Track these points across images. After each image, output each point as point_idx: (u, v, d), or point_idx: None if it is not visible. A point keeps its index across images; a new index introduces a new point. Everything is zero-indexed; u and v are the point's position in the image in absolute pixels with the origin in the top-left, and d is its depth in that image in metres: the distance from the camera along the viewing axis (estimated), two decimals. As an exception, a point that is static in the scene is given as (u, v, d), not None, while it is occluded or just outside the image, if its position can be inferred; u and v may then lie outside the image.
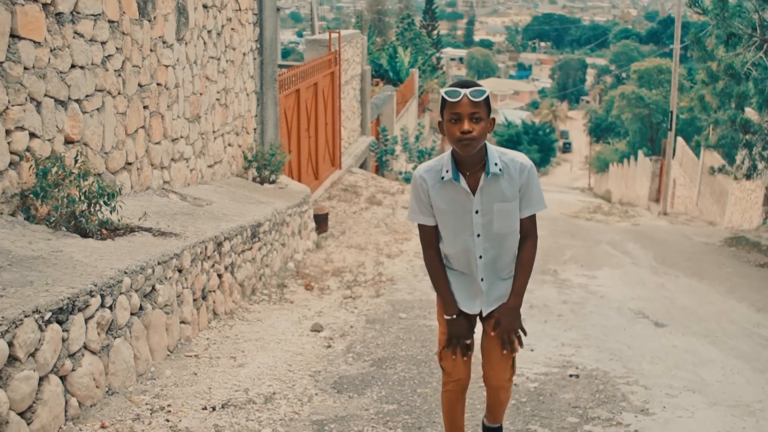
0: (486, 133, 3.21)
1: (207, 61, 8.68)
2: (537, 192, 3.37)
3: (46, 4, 5.33)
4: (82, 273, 4.10)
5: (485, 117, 3.18)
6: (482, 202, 3.32)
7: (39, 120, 5.26)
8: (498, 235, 3.39)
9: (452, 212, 3.37)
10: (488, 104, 3.21)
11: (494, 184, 3.30)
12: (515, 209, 3.35)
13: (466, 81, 3.26)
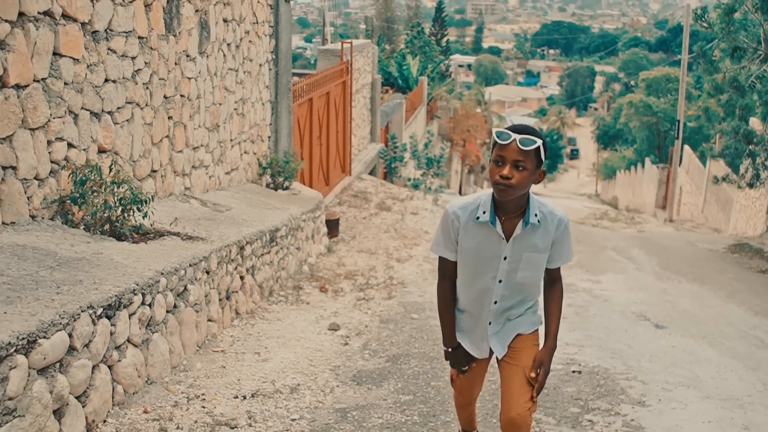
0: (529, 183, 3.15)
1: (226, 72, 9.10)
2: (568, 245, 3.38)
3: (84, 24, 5.75)
4: (124, 273, 4.50)
5: (530, 168, 3.11)
6: (513, 249, 3.30)
7: (76, 131, 5.68)
8: (519, 284, 3.38)
9: (479, 254, 3.34)
10: (539, 155, 3.12)
11: (530, 235, 3.28)
12: (543, 261, 3.34)
13: (524, 126, 3.19)
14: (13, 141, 4.92)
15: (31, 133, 5.11)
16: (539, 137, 3.12)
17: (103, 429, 3.88)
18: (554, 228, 3.28)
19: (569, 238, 3.37)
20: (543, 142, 3.12)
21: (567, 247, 3.38)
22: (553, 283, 3.46)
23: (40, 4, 5.17)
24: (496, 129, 3.21)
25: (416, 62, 27.09)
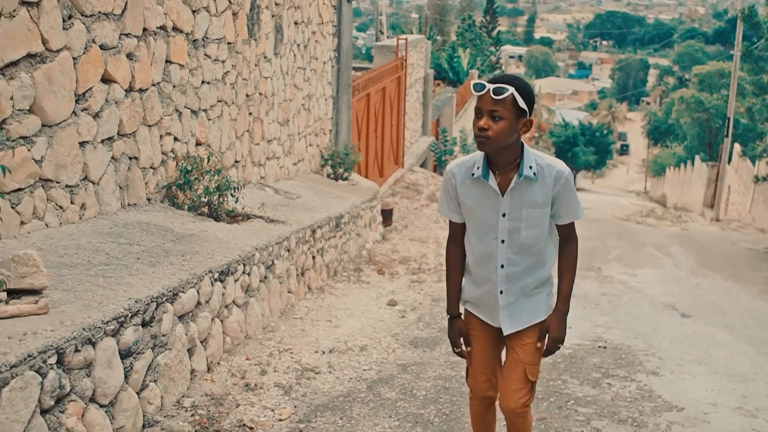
0: (510, 133, 3.13)
1: (296, 71, 10.21)
2: (574, 201, 3.33)
3: (188, 34, 6.88)
4: (227, 247, 5.62)
5: (508, 117, 3.09)
6: (511, 204, 3.27)
7: (180, 127, 6.82)
8: (525, 246, 3.33)
9: (479, 213, 3.32)
10: (516, 104, 3.10)
11: (526, 188, 3.24)
12: (544, 217, 3.30)
13: (503, 76, 3.19)
14: (137, 136, 6.06)
15: (148, 129, 6.25)
16: (516, 86, 3.11)
17: (218, 369, 5.01)
18: (552, 180, 3.24)
19: (573, 192, 3.32)
20: (520, 90, 3.10)
21: (573, 201, 3.32)
22: (566, 241, 3.41)
23: (158, 20, 6.30)
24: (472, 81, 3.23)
25: (467, 55, 28.02)
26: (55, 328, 3.41)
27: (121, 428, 3.83)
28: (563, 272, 3.42)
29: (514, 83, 3.11)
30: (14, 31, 4.60)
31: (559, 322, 3.42)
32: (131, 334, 3.93)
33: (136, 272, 4.48)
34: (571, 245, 3.42)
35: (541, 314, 3.44)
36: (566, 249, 3.42)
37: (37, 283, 3.75)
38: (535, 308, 3.43)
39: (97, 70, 5.48)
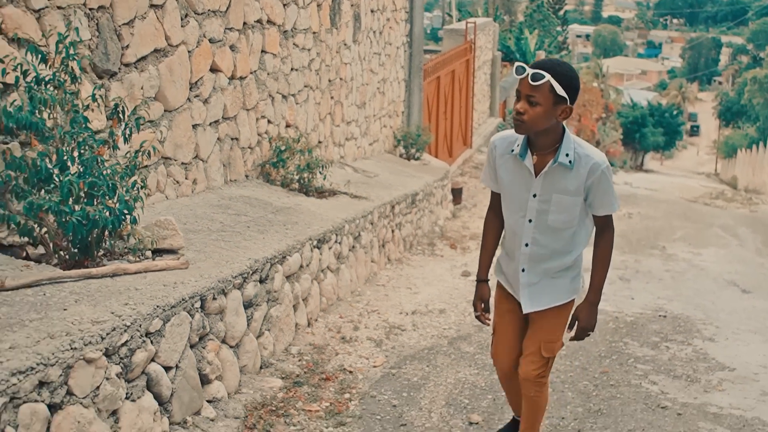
0: (546, 119, 3.18)
1: (372, 56, 10.91)
2: (610, 194, 3.36)
3: (279, 26, 7.62)
4: (321, 219, 6.35)
5: (544, 103, 3.14)
6: (543, 187, 3.34)
7: (272, 110, 7.57)
8: (551, 229, 3.40)
9: (512, 188, 3.41)
10: (554, 91, 3.14)
11: (559, 174, 3.31)
12: (575, 206, 3.35)
13: (545, 61, 3.23)
14: (237, 119, 6.83)
15: (247, 113, 7.02)
16: (555, 72, 3.15)
17: (316, 324, 5.77)
18: (587, 171, 3.28)
19: (610, 185, 3.35)
20: (559, 77, 3.14)
21: (608, 194, 3.36)
22: (601, 232, 3.47)
23: (255, 15, 7.05)
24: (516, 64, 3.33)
25: (534, 36, 28.40)
26: (196, 279, 4.18)
27: (244, 366, 4.60)
28: (596, 264, 3.49)
29: (554, 70, 3.16)
30: (145, 30, 5.39)
31: (588, 311, 3.52)
32: (252, 288, 4.69)
33: (249, 238, 5.24)
34: (606, 237, 3.46)
35: (563, 297, 3.53)
36: (601, 241, 3.48)
37: (176, 244, 4.53)
38: (558, 291, 3.51)
39: (206, 61, 6.25)
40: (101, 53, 4.96)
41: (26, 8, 4.33)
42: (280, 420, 4.26)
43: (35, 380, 2.91)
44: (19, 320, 3.26)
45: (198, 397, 4.04)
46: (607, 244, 3.47)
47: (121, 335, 3.40)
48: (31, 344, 3.04)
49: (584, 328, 3.53)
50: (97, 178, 4.05)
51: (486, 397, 4.79)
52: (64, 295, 3.63)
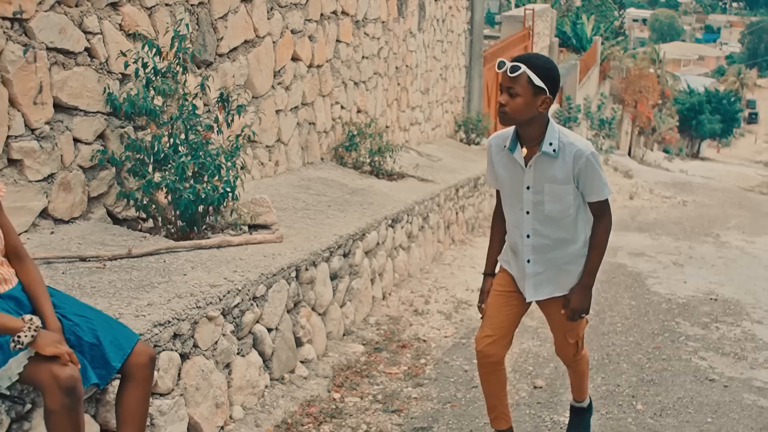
0: (527, 110, 3.26)
1: (435, 43, 11.32)
2: (597, 180, 3.39)
3: (352, 16, 8.07)
4: (393, 200, 6.81)
5: (523, 94, 3.22)
6: (534, 178, 3.41)
7: (345, 96, 8.04)
8: (549, 219, 3.47)
9: (508, 183, 3.49)
10: (532, 82, 3.22)
11: (546, 164, 3.37)
12: (567, 194, 3.41)
13: (526, 55, 3.33)
14: (314, 105, 7.31)
15: (322, 99, 7.50)
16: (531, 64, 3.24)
17: (390, 297, 6.24)
18: (572, 159, 3.34)
19: (597, 172, 3.38)
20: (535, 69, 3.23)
21: (596, 180, 3.40)
22: (597, 219, 3.49)
23: (331, 6, 7.52)
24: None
25: (590, 22, 28.50)
26: (291, 252, 4.67)
27: (330, 333, 5.09)
28: (591, 249, 3.50)
29: (531, 62, 3.25)
30: (237, 23, 5.89)
31: (580, 294, 3.51)
32: (337, 261, 5.18)
33: (331, 216, 5.73)
34: (601, 224, 3.48)
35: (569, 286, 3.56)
36: (595, 227, 3.49)
37: (269, 220, 5.03)
38: (566, 281, 3.53)
39: (288, 51, 6.74)
40: (200, 45, 5.47)
41: (141, 6, 4.85)
42: (364, 380, 4.75)
43: (171, 332, 3.43)
44: (149, 282, 3.78)
45: (293, 357, 4.54)
46: (603, 230, 3.48)
47: (234, 297, 3.91)
48: (164, 302, 3.55)
49: (575, 309, 3.52)
50: (205, 159, 4.56)
51: (549, 365, 5.22)
52: (180, 263, 4.14)
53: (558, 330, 3.70)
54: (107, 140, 4.67)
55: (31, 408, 2.71)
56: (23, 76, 4.02)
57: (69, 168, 4.42)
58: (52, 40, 4.19)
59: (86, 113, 4.49)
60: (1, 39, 3.87)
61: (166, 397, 3.40)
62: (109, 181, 4.71)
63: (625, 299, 7.06)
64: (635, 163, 23.99)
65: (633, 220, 12.41)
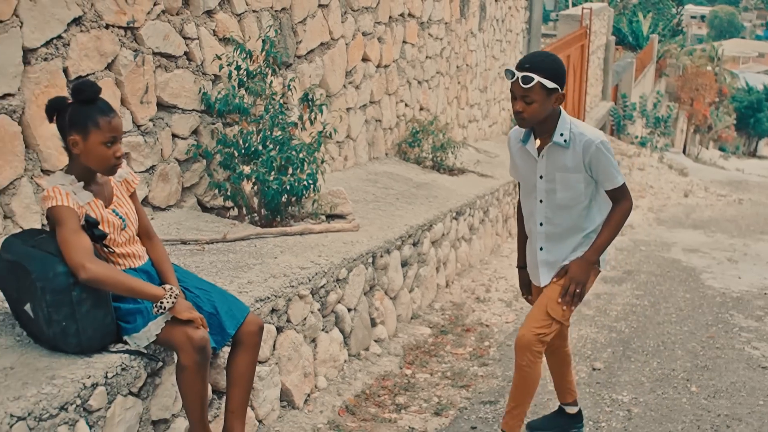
0: (544, 110, 3.42)
1: (494, 43, 11.68)
2: (609, 168, 3.50)
3: (417, 17, 8.48)
4: (456, 194, 7.21)
5: (539, 99, 3.37)
6: (546, 167, 3.57)
7: (409, 95, 8.46)
8: (561, 207, 3.60)
9: (524, 174, 3.68)
10: (545, 87, 3.35)
11: (558, 154, 3.54)
12: (578, 182, 3.55)
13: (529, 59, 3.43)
14: (381, 103, 7.74)
15: (388, 97, 7.93)
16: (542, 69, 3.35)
17: (453, 286, 6.66)
18: (582, 148, 3.48)
19: (608, 160, 3.49)
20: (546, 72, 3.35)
21: (608, 168, 3.50)
22: (614, 203, 3.59)
23: (399, 9, 7.94)
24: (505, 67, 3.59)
25: (647, 20, 28.54)
26: (367, 240, 5.10)
27: (399, 315, 5.52)
28: (604, 227, 3.59)
29: (540, 68, 3.35)
30: (314, 27, 6.33)
31: (580, 265, 3.59)
32: (407, 250, 5.60)
33: (400, 208, 6.15)
34: (620, 206, 3.58)
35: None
36: (614, 208, 3.58)
37: (345, 210, 5.47)
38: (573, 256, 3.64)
39: (359, 52, 7.17)
40: (282, 48, 5.92)
41: (232, 13, 5.32)
42: (433, 359, 5.17)
43: (269, 307, 3.88)
44: (245, 264, 4.24)
45: (368, 336, 4.98)
46: (619, 211, 3.57)
47: (320, 279, 4.35)
48: (261, 281, 4.00)
49: (572, 278, 3.57)
50: (290, 153, 5.01)
51: (606, 350, 5.58)
52: (269, 248, 4.60)
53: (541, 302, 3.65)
54: (200, 135, 5.15)
55: (162, 365, 3.17)
56: (133, 78, 4.50)
57: (167, 160, 4.90)
58: (158, 46, 4.67)
59: (183, 111, 4.97)
60: (116, 45, 4.35)
61: (263, 364, 3.85)
62: (201, 173, 5.19)
63: (679, 292, 7.36)
64: (690, 161, 24.02)
65: (688, 218, 12.62)
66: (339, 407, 4.32)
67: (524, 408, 3.76)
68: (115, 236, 3.10)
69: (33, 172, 3.94)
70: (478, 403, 4.58)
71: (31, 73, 3.84)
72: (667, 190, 14.78)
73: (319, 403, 4.30)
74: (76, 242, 2.84)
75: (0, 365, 2.80)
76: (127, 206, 3.20)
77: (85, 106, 2.98)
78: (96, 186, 3.09)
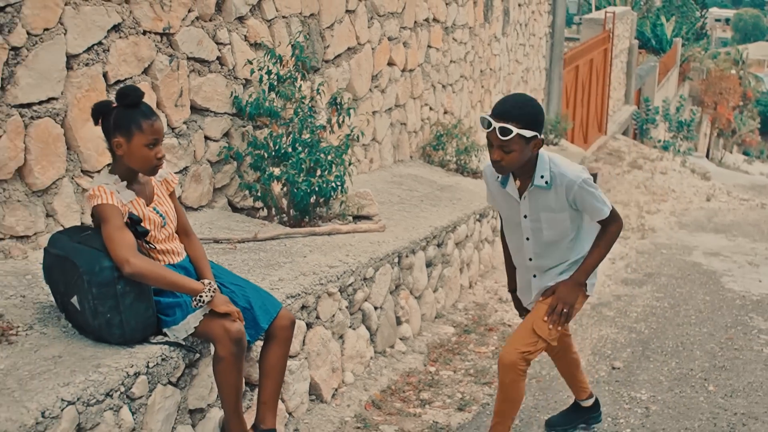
0: (523, 157, 3.37)
1: (518, 47, 11.80)
2: (594, 204, 3.49)
3: (442, 22, 8.62)
4: (479, 196, 7.34)
5: (518, 148, 3.32)
6: (530, 208, 3.54)
7: (434, 99, 8.60)
8: (549, 243, 3.60)
9: (505, 212, 3.69)
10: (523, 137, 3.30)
11: (541, 195, 3.50)
12: (564, 220, 3.53)
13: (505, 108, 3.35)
14: (406, 107, 7.89)
15: (413, 101, 8.07)
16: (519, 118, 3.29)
17: (476, 286, 6.79)
18: (564, 189, 3.46)
19: (592, 195, 3.48)
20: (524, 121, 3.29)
21: (593, 204, 3.49)
22: (603, 227, 3.58)
23: (424, 14, 8.08)
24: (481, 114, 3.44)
25: (671, 23, 28.53)
26: (393, 240, 5.25)
27: (423, 314, 5.66)
28: (593, 248, 3.60)
29: (519, 118, 3.29)
30: (341, 32, 6.49)
31: (568, 286, 3.60)
32: (432, 250, 5.74)
33: (425, 209, 6.29)
34: (609, 230, 3.57)
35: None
36: (602, 230, 3.58)
37: (372, 212, 5.62)
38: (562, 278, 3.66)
39: (385, 56, 7.32)
40: (310, 53, 6.08)
41: (262, 19, 5.48)
42: (456, 357, 5.31)
43: (300, 303, 4.04)
44: (276, 262, 4.39)
45: (393, 334, 5.13)
46: (608, 234, 3.57)
47: (349, 277, 4.50)
48: (292, 278, 4.16)
49: (559, 297, 3.57)
50: (319, 156, 5.16)
51: (626, 350, 5.70)
52: (299, 247, 4.75)
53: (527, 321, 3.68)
54: (231, 138, 5.32)
55: (199, 357, 3.33)
56: (168, 82, 4.68)
57: (200, 162, 5.07)
58: (192, 51, 4.84)
59: (215, 114, 5.14)
60: (152, 51, 4.53)
61: (294, 359, 4.01)
62: (231, 174, 5.36)
63: (699, 294, 7.45)
64: (713, 166, 24.00)
65: (709, 222, 12.67)
66: (365, 401, 4.47)
67: (508, 423, 3.76)
68: (156, 233, 3.26)
69: (74, 173, 4.12)
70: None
71: (74, 78, 4.02)
72: (690, 194, 14.81)
73: (346, 398, 4.45)
74: (121, 238, 3.01)
75: (49, 354, 2.97)
76: (166, 205, 3.36)
77: (129, 109, 3.14)
78: (138, 185, 3.26)
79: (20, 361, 2.90)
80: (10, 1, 3.60)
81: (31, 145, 3.83)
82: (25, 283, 3.59)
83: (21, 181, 3.84)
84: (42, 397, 2.65)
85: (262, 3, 5.46)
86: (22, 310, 3.32)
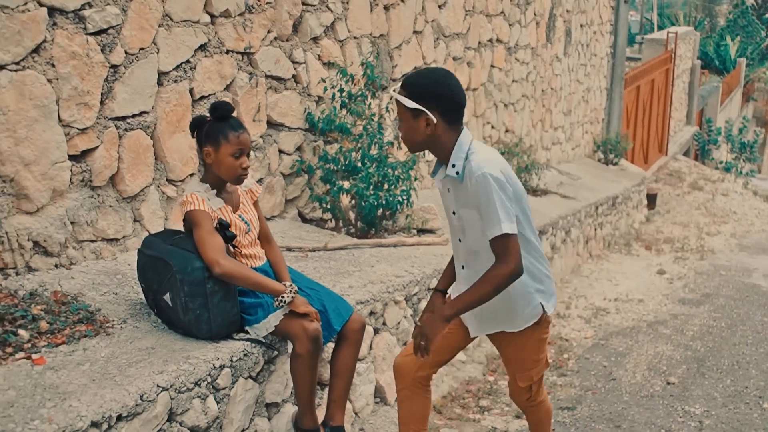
0: (411, 133, 3.01)
1: (578, 67, 11.96)
2: (488, 208, 2.90)
3: (505, 43, 8.85)
4: (540, 214, 7.53)
5: (404, 118, 2.99)
6: (455, 202, 3.09)
7: (496, 117, 8.82)
8: (471, 251, 3.13)
9: (445, 209, 3.25)
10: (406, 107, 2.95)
11: (458, 187, 3.03)
12: (479, 221, 2.98)
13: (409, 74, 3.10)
14: (468, 125, 8.12)
15: (476, 119, 8.31)
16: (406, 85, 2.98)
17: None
18: (468, 180, 2.94)
19: (488, 197, 2.88)
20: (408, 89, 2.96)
21: (489, 210, 2.90)
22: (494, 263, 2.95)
23: (488, 35, 8.33)
24: None
25: (735, 43, 28.32)
26: (455, 253, 5.48)
27: (483, 326, 5.88)
28: (474, 283, 3.00)
29: (404, 83, 3.00)
30: (408, 52, 6.76)
31: (431, 319, 3.11)
32: (492, 264, 5.96)
33: (485, 225, 6.52)
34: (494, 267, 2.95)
35: (517, 324, 3.18)
36: (492, 268, 2.95)
37: (435, 225, 5.86)
38: (508, 317, 3.18)
39: (449, 75, 7.56)
40: (380, 71, 6.36)
41: (335, 40, 5.78)
42: (514, 367, 5.51)
43: (368, 310, 4.29)
44: (345, 270, 4.66)
45: (454, 343, 5.35)
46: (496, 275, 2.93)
47: (414, 287, 4.75)
48: (361, 286, 4.42)
49: (420, 332, 3.14)
50: (387, 171, 5.43)
51: (681, 366, 5.85)
52: (366, 257, 5.01)
53: (509, 368, 3.45)
54: (303, 152, 5.61)
55: (277, 354, 3.60)
56: (247, 98, 4.98)
57: (273, 174, 5.37)
58: (270, 69, 5.15)
59: (289, 129, 5.44)
60: (234, 69, 4.84)
61: (361, 362, 4.26)
62: (302, 187, 5.65)
63: (757, 316, 7.54)
64: (777, 189, 23.80)
65: (771, 245, 12.67)
66: (427, 406, 4.70)
67: None
68: (241, 238, 3.54)
69: (159, 181, 4.44)
70: (556, 409, 4.90)
71: (163, 93, 4.34)
72: (751, 217, 14.76)
73: (409, 401, 4.69)
74: (212, 241, 3.29)
75: (143, 345, 3.27)
76: (251, 212, 3.64)
77: (220, 122, 3.44)
78: (226, 194, 3.55)
79: (118, 350, 3.19)
80: (112, 23, 3.93)
81: (124, 155, 4.15)
82: (116, 281, 3.90)
83: (113, 188, 4.17)
84: (140, 382, 2.94)
85: (335, 24, 5.76)
86: (115, 305, 3.63)
